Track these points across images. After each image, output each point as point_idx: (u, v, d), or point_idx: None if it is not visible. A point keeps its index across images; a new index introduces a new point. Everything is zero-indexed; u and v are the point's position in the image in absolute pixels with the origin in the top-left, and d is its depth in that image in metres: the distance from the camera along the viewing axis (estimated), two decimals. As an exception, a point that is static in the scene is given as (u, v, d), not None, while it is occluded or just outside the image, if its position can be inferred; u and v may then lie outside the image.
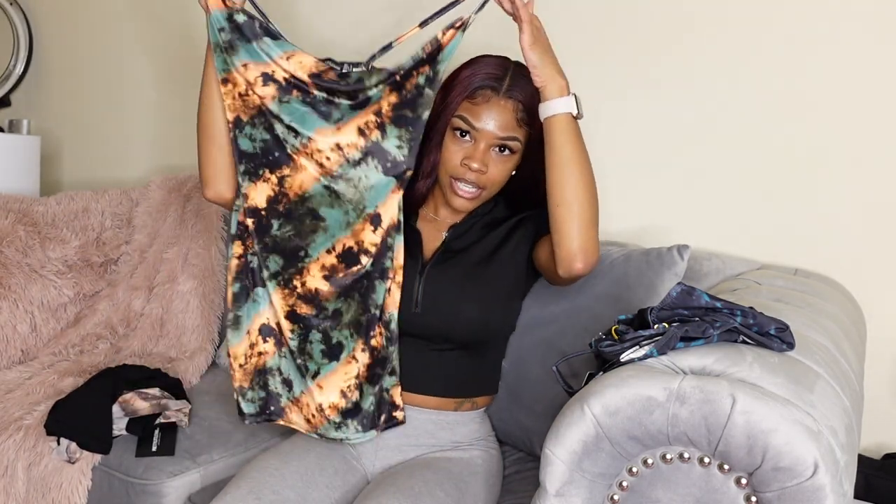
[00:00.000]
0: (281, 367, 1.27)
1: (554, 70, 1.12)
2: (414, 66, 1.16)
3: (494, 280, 1.27)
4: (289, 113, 1.20)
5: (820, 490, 0.73)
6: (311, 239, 1.23)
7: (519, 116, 1.21)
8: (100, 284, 2.02)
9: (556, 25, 1.71)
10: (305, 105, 1.20)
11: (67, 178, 2.75)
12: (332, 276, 1.22)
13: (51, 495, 1.38)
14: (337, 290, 1.22)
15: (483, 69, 1.22)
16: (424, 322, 1.23)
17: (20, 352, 1.85)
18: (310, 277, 1.22)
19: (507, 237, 1.30)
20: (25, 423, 1.47)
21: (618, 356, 0.90)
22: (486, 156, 1.21)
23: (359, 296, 1.22)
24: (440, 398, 1.25)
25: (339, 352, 1.23)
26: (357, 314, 1.22)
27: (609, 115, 1.64)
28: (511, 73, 1.21)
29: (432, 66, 1.15)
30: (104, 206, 2.08)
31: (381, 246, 1.21)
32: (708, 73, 1.54)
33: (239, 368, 1.27)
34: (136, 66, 2.49)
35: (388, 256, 1.21)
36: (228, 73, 1.20)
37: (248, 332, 1.26)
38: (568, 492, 0.84)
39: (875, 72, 1.40)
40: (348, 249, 1.21)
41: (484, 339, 1.29)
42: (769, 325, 0.91)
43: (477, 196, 1.25)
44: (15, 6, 2.66)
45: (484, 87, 1.20)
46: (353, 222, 1.21)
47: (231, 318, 1.26)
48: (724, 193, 1.55)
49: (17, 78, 2.74)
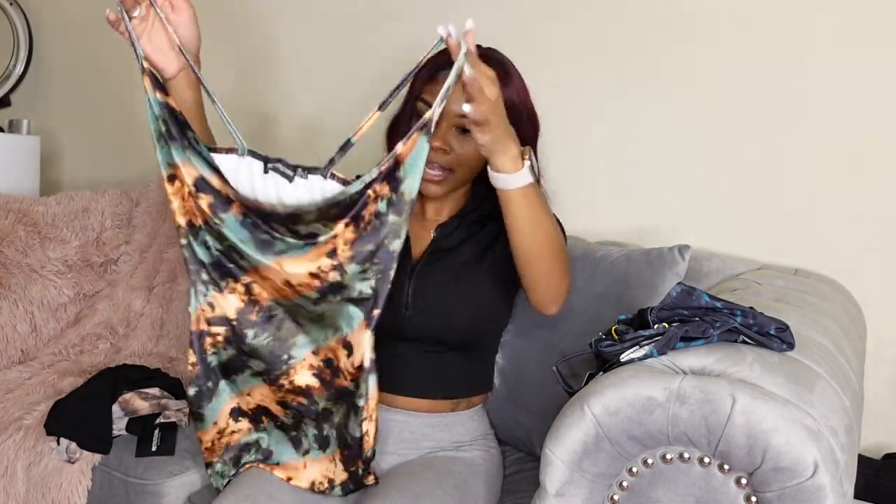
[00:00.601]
0: (260, 441, 1.20)
1: (505, 143, 0.99)
2: (366, 188, 0.96)
3: (485, 279, 1.24)
4: (231, 231, 1.03)
5: (820, 490, 0.73)
6: (292, 342, 1.09)
7: None
8: (100, 284, 2.02)
9: (556, 26, 1.72)
10: (244, 228, 1.03)
11: (67, 178, 2.75)
12: (319, 376, 1.10)
13: (51, 495, 1.38)
14: (327, 392, 1.10)
15: (442, 55, 1.14)
16: (415, 324, 1.21)
17: (20, 352, 1.85)
18: (297, 376, 1.11)
19: (498, 235, 1.25)
20: (25, 423, 1.47)
21: (618, 356, 0.90)
22: (447, 135, 1.16)
23: (344, 408, 1.10)
24: (435, 401, 1.24)
25: (326, 445, 1.15)
26: (341, 422, 1.11)
27: (609, 114, 1.65)
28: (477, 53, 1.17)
29: (392, 186, 0.96)
30: (104, 206, 2.08)
31: (353, 381, 1.06)
32: (708, 73, 1.54)
33: (205, 450, 1.19)
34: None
35: (359, 395, 1.06)
36: (175, 169, 1.02)
37: (215, 422, 1.17)
38: (568, 492, 0.84)
39: (875, 72, 1.40)
40: (329, 360, 1.09)
41: (477, 339, 1.28)
42: (769, 325, 0.91)
43: (444, 178, 1.19)
44: (15, 6, 2.66)
45: (445, 66, 1.08)
46: (329, 338, 1.07)
47: (194, 414, 1.16)
48: (724, 193, 1.55)
49: (17, 78, 2.74)
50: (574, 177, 1.69)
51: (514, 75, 1.22)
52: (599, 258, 1.40)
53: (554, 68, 1.70)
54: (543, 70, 1.72)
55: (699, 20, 1.54)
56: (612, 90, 1.64)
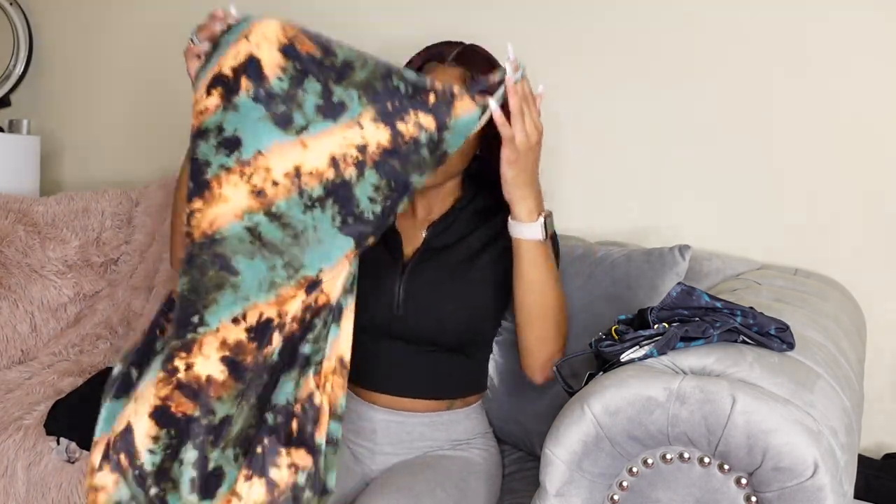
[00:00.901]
0: None
1: (527, 191, 1.02)
2: (411, 106, 0.88)
3: (481, 278, 1.21)
4: (232, 122, 0.89)
5: (820, 490, 0.73)
6: (211, 298, 0.87)
7: (468, 83, 1.12)
8: (100, 284, 2.02)
9: (557, 25, 1.72)
10: (257, 103, 0.88)
11: (67, 178, 2.75)
12: (234, 360, 0.86)
13: (51, 495, 1.38)
14: (237, 385, 0.86)
15: (429, 49, 1.20)
16: (407, 325, 1.20)
17: (20, 352, 1.85)
18: (200, 357, 0.86)
19: (496, 238, 1.22)
20: (25, 423, 1.47)
21: (618, 356, 0.90)
22: None
23: (254, 397, 0.87)
24: (429, 400, 1.23)
25: (214, 485, 0.84)
26: (246, 424, 0.86)
27: (610, 114, 1.65)
28: (463, 47, 1.18)
29: (439, 127, 0.88)
30: (104, 206, 2.08)
31: (300, 330, 0.87)
32: (709, 73, 1.54)
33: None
34: (136, 65, 2.49)
35: (316, 349, 0.87)
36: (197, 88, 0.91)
37: (94, 442, 0.89)
38: (568, 492, 0.84)
39: (875, 71, 1.40)
40: (265, 322, 0.87)
41: (471, 340, 1.26)
42: (769, 325, 0.91)
43: None
44: (15, 6, 2.66)
45: (430, 59, 1.18)
46: (279, 283, 0.88)
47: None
48: (724, 193, 1.55)
49: (17, 78, 2.74)
50: (574, 177, 1.69)
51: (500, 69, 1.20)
52: (599, 258, 1.39)
53: (554, 68, 1.70)
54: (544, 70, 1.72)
55: (701, 19, 1.54)
56: (612, 90, 1.64)
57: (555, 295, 1.11)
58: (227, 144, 0.89)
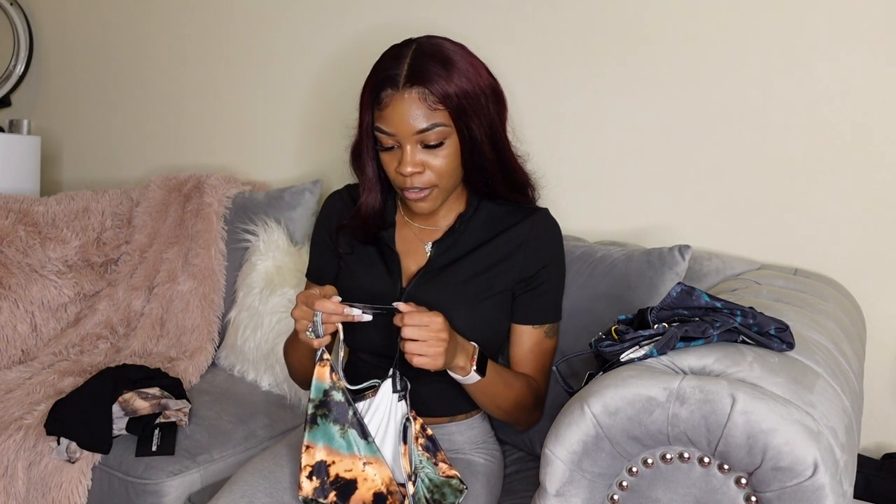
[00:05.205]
0: None
1: (451, 359, 1.06)
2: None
3: (486, 297, 1.20)
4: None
5: (820, 490, 0.73)
6: None
7: (429, 102, 1.09)
8: (100, 284, 2.02)
9: (558, 25, 1.72)
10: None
11: (67, 178, 2.75)
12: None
13: (51, 495, 1.38)
14: None
15: (379, 71, 1.13)
16: None
17: (20, 352, 1.85)
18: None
19: (507, 258, 1.21)
20: (25, 423, 1.47)
21: (618, 356, 0.90)
22: (414, 156, 1.12)
23: None
24: (431, 417, 1.23)
25: None
26: None
27: (610, 114, 1.65)
28: (409, 61, 1.10)
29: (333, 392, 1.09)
30: (104, 206, 2.09)
31: None
32: (709, 73, 1.54)
33: None
34: (136, 65, 2.49)
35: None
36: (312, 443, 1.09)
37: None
38: (568, 492, 0.84)
39: (875, 71, 1.40)
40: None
41: None
42: (769, 325, 0.91)
43: (429, 194, 1.16)
44: (15, 6, 2.66)
45: (383, 87, 1.11)
46: None
47: None
48: (724, 193, 1.55)
49: (17, 78, 2.75)
50: (575, 176, 1.69)
51: (459, 62, 1.13)
52: (599, 258, 1.39)
53: (554, 68, 1.70)
54: (544, 69, 1.72)
55: (702, 20, 1.54)
56: (612, 90, 1.64)
57: (515, 399, 1.18)
58: None
